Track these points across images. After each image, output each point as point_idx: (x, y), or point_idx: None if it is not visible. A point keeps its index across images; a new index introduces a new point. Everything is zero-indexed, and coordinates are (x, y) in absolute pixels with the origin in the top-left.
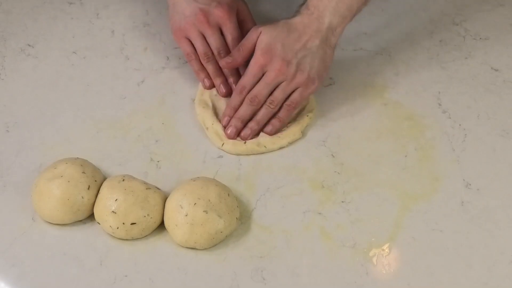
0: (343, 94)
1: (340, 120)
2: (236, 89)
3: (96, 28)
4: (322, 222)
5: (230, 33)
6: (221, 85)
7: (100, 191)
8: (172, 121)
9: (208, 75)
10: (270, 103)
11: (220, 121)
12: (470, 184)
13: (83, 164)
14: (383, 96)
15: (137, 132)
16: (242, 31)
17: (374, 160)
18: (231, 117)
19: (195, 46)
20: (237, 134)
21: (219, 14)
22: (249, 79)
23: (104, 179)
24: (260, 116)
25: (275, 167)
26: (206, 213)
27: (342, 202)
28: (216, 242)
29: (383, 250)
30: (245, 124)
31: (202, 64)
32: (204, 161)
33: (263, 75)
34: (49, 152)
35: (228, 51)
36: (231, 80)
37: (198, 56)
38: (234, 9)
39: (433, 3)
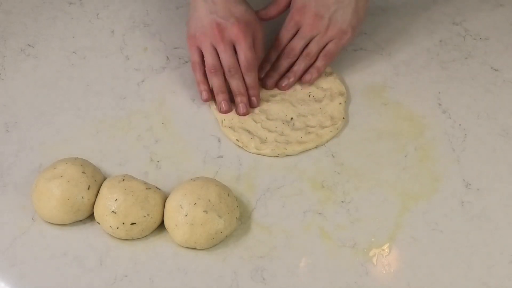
0: None
1: None
2: (273, 45)
3: (96, 28)
4: (322, 222)
5: (243, 52)
6: (223, 102)
7: (100, 191)
8: (172, 121)
9: (208, 89)
10: (306, 55)
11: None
12: (470, 184)
13: (83, 164)
14: (383, 96)
15: (137, 132)
16: None
17: (374, 160)
18: (267, 70)
19: (205, 57)
20: (275, 85)
21: (235, 32)
22: (284, 34)
23: (104, 179)
24: (296, 67)
25: (275, 167)
26: (206, 213)
27: (342, 202)
28: (216, 242)
29: (383, 250)
30: (281, 76)
31: (205, 77)
32: (204, 161)
33: (297, 31)
34: (49, 152)
35: (238, 70)
36: (238, 99)
37: (204, 68)
38: (251, 30)
39: (433, 3)
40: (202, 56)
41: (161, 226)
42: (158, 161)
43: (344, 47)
